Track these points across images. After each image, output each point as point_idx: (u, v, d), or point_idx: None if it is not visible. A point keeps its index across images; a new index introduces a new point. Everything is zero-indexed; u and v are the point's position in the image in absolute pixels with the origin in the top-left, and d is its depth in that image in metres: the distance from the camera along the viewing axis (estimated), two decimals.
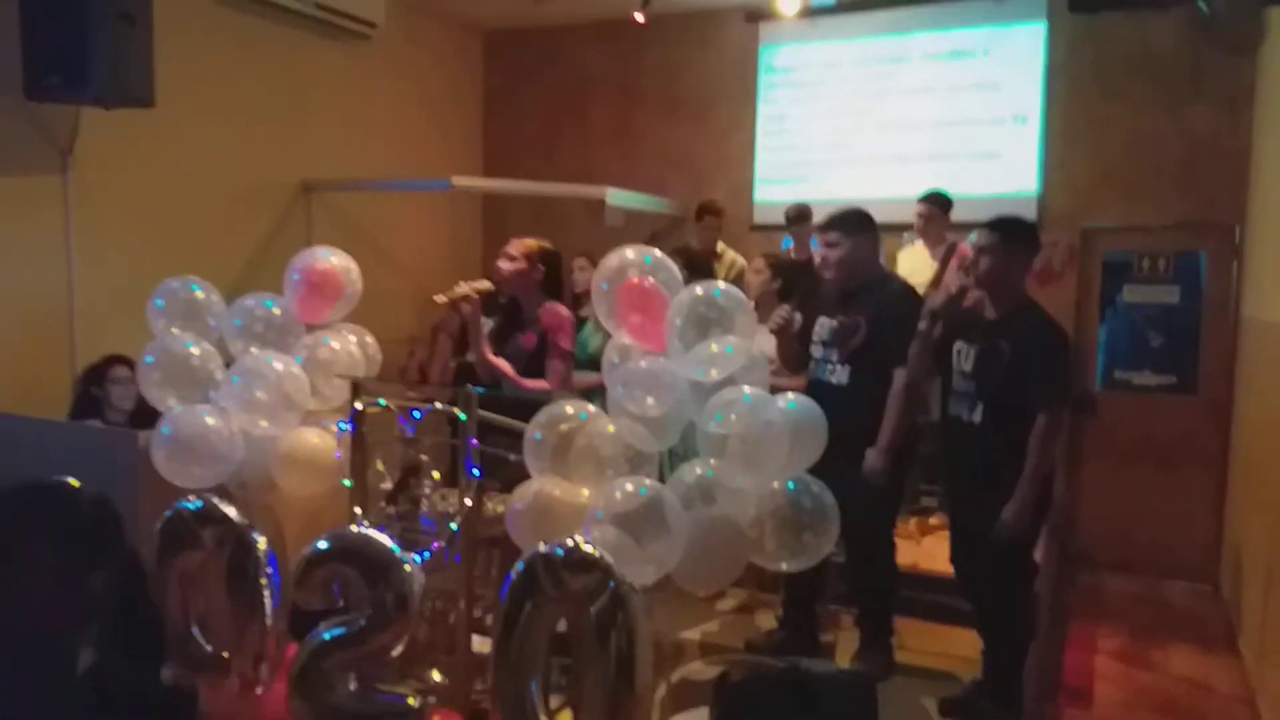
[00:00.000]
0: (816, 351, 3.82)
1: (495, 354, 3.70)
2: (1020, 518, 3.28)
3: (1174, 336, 5.44)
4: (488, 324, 3.84)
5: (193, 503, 2.72)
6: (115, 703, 2.02)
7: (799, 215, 5.43)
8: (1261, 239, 4.68)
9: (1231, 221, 5.21)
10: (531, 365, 3.66)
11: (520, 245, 3.76)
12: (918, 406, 3.72)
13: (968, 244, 4.25)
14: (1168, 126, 5.39)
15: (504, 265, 3.74)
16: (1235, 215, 5.19)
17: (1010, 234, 3.47)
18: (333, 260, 3.67)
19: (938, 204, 5.25)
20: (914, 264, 5.35)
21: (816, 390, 3.66)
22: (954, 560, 3.72)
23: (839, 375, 3.71)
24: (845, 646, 4.07)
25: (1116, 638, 4.55)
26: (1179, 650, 4.41)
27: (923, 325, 3.48)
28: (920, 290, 4.37)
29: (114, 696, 2.01)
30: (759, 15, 6.35)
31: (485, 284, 3.67)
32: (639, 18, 5.79)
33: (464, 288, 3.59)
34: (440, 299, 3.63)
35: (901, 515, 5.13)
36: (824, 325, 3.81)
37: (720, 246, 5.73)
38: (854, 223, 3.78)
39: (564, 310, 3.72)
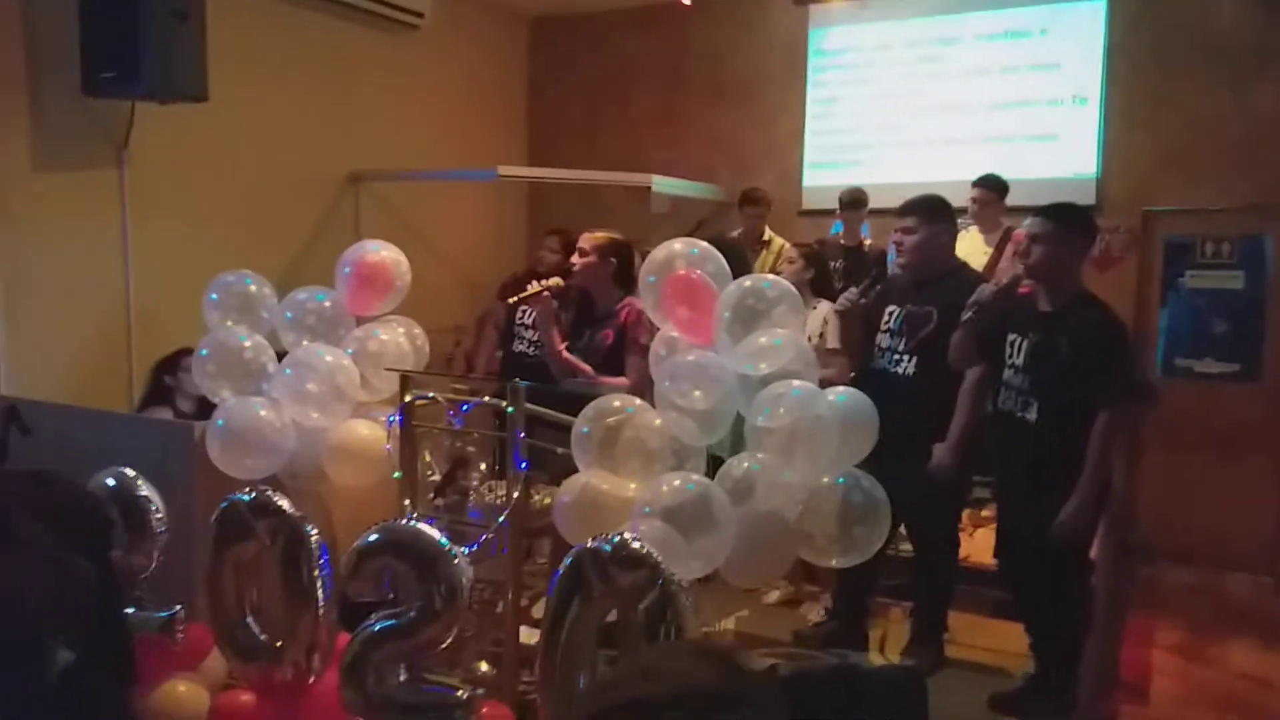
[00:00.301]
0: (883, 340, 3.73)
1: (569, 350, 3.70)
2: (1079, 518, 3.20)
3: (1238, 323, 5.27)
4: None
5: (248, 495, 2.76)
6: (85, 712, 2.01)
7: (853, 200, 5.35)
8: None
9: None
10: (609, 361, 3.64)
11: (590, 239, 3.73)
12: (987, 401, 3.63)
13: (1024, 229, 4.15)
14: (1230, 106, 5.22)
15: (575, 259, 3.74)
16: None
17: (1065, 221, 3.33)
18: (383, 254, 3.69)
19: (993, 188, 5.11)
20: (968, 250, 5.22)
21: (881, 379, 3.60)
22: (999, 555, 3.65)
23: (906, 366, 3.63)
24: (894, 640, 4.03)
25: (1175, 632, 4.45)
26: (1239, 645, 4.30)
27: (967, 314, 3.39)
28: None
29: (85, 705, 2.00)
30: None
31: (557, 281, 3.67)
32: (686, 2, 5.73)
33: (536, 286, 3.61)
34: (512, 301, 3.69)
35: None
36: (892, 314, 3.73)
37: (768, 234, 5.67)
38: (933, 210, 3.68)
39: (640, 304, 3.69)
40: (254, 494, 2.76)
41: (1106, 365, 3.19)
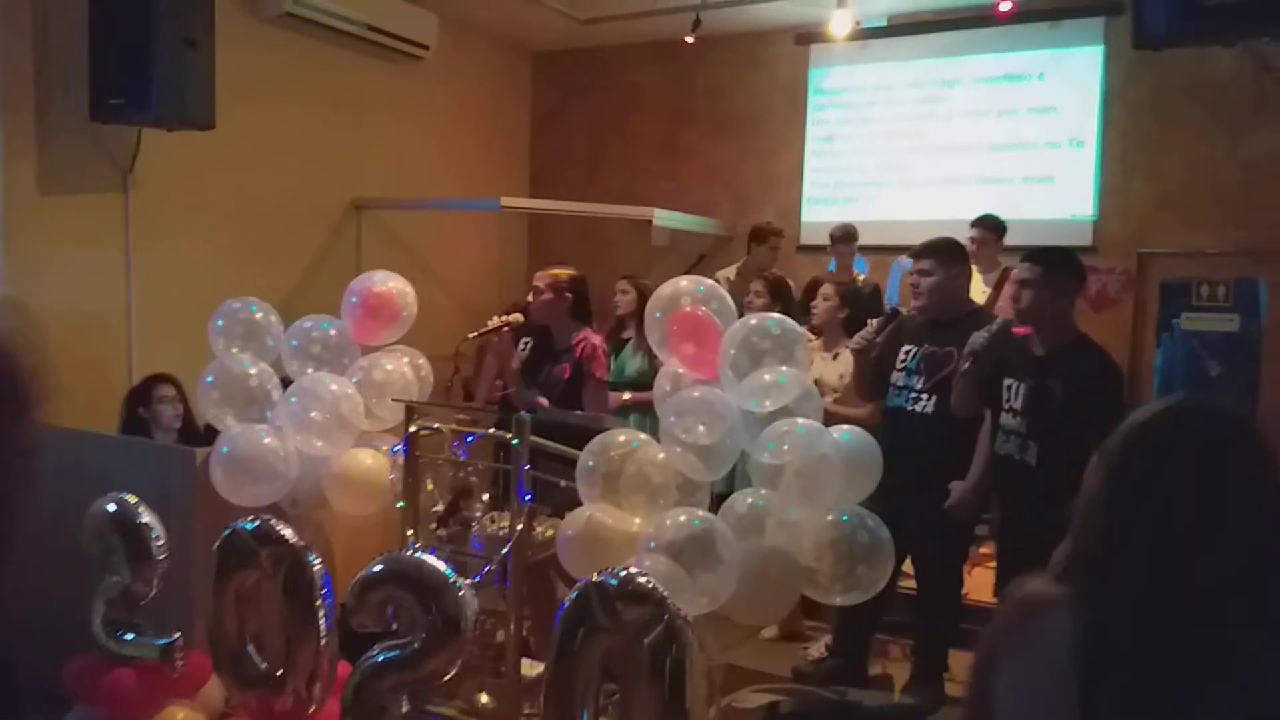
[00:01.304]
0: (899, 379, 3.76)
1: (528, 384, 3.76)
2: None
3: (1232, 365, 5.30)
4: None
5: (250, 523, 2.76)
6: None
7: (845, 235, 5.40)
8: None
9: None
10: (566, 394, 3.71)
11: (545, 277, 3.84)
12: None
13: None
14: (1226, 153, 5.30)
15: (531, 299, 3.83)
16: None
17: (1053, 265, 3.32)
18: (390, 284, 3.72)
19: (991, 228, 5.17)
20: None
21: (898, 417, 3.61)
22: (998, 595, 3.65)
23: (924, 405, 3.64)
24: (896, 678, 4.02)
25: None
26: None
27: (965, 363, 3.41)
28: None
29: None
30: (810, 38, 6.34)
31: (516, 316, 3.76)
32: (689, 39, 5.81)
33: (495, 321, 3.69)
34: (472, 336, 3.76)
35: None
36: (910, 353, 3.76)
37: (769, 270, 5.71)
38: (950, 253, 3.72)
39: (596, 338, 3.78)
40: (257, 522, 2.77)
41: (1100, 408, 3.21)
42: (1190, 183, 5.39)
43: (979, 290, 5.18)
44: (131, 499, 2.92)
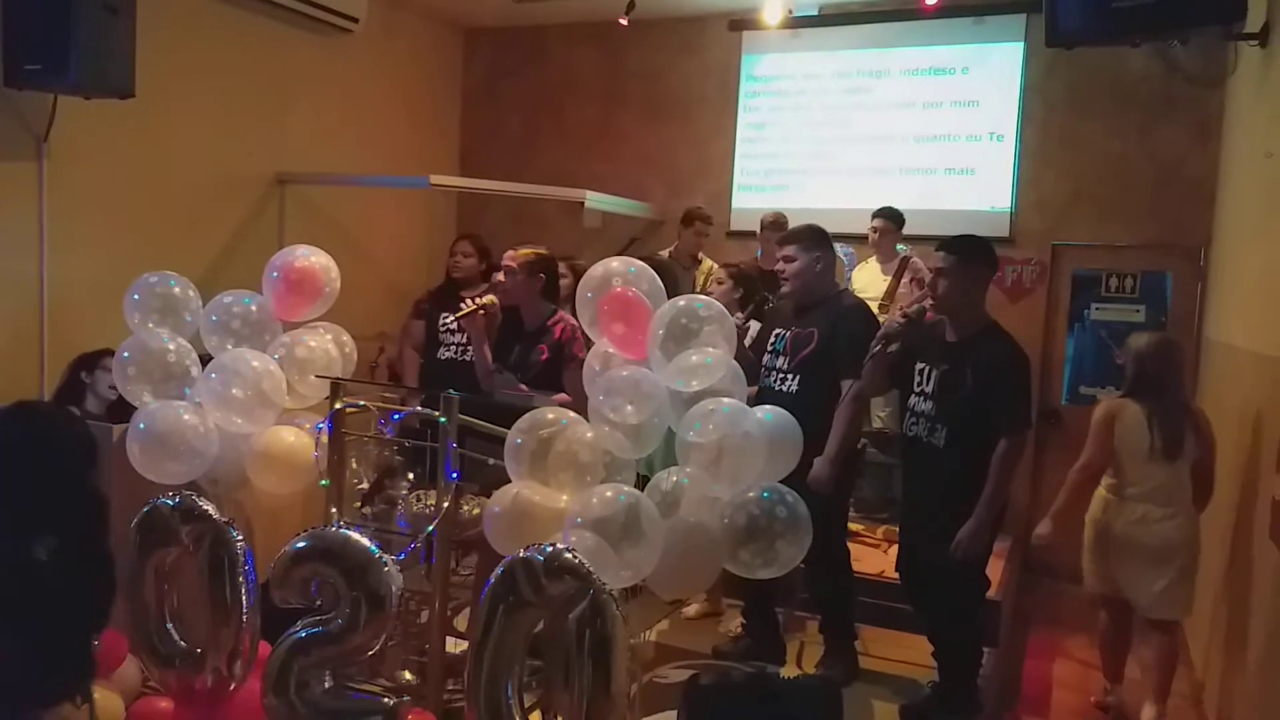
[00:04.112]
0: (768, 360, 3.88)
1: (497, 364, 3.74)
2: (976, 538, 3.35)
3: None
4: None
5: (172, 499, 2.73)
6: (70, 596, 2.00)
7: (775, 223, 5.50)
8: (1224, 263, 4.80)
9: (1198, 244, 5.33)
10: (543, 376, 3.68)
11: (516, 257, 3.78)
12: (863, 418, 3.81)
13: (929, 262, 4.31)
14: (1138, 150, 5.51)
15: (501, 277, 3.78)
16: (1201, 238, 5.31)
17: (967, 254, 3.46)
18: (312, 259, 3.67)
19: (891, 218, 5.38)
20: (868, 278, 5.47)
21: (766, 398, 3.71)
22: (901, 571, 3.78)
23: (789, 384, 3.77)
24: (811, 653, 4.14)
25: (1075, 647, 4.65)
26: (1134, 658, 4.51)
27: (876, 346, 3.51)
28: (873, 305, 4.45)
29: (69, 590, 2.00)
30: (742, 24, 6.40)
31: (492, 299, 3.72)
32: (623, 21, 5.82)
33: (471, 305, 3.65)
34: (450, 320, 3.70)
35: (867, 523, 5.23)
36: (778, 336, 3.88)
37: (699, 254, 5.78)
38: (810, 239, 3.84)
39: (573, 319, 3.72)
40: (178, 498, 2.73)
41: (1007, 395, 3.36)
42: (1103, 178, 5.60)
43: (879, 278, 5.38)
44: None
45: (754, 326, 4.47)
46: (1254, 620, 3.15)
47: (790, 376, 3.78)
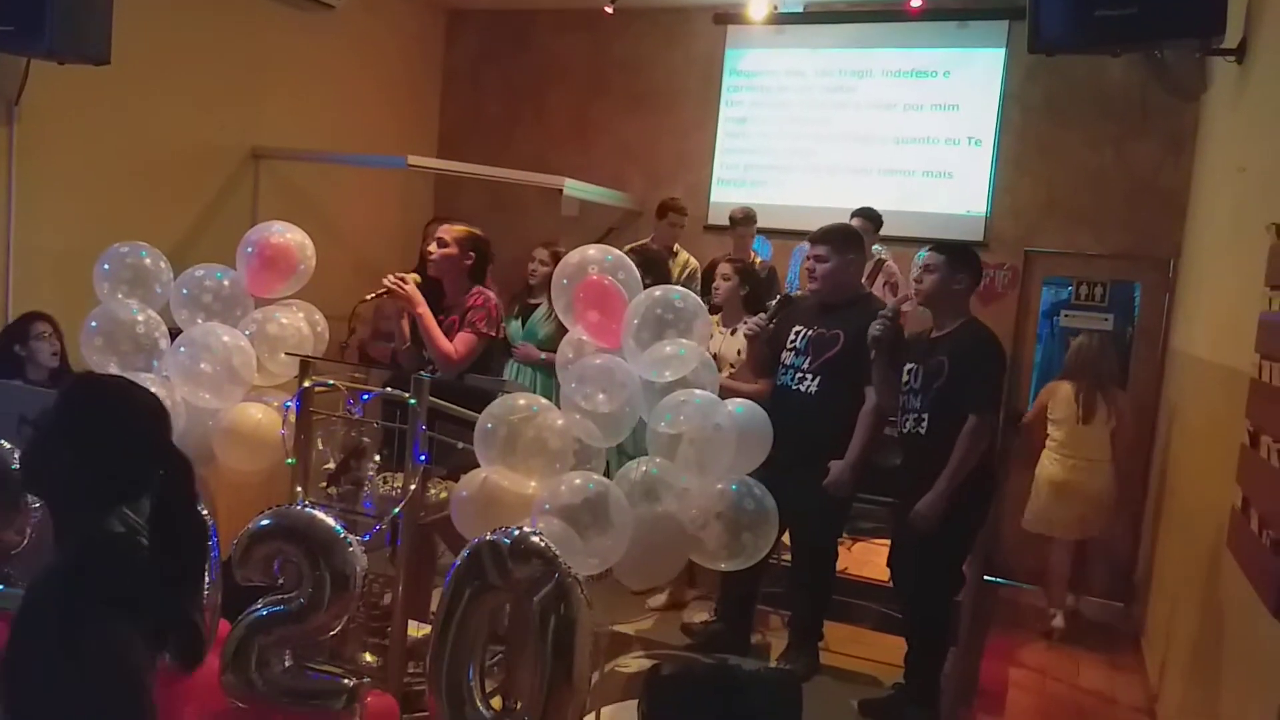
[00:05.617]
0: (787, 359, 3.88)
1: (412, 338, 3.72)
2: (933, 509, 3.39)
3: None
4: None
5: None
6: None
7: (744, 218, 5.53)
8: (1192, 276, 4.87)
9: (1167, 256, 5.40)
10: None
11: (451, 231, 3.75)
12: (883, 426, 3.84)
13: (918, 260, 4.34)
14: (1113, 160, 5.57)
15: (434, 249, 3.75)
16: (1171, 250, 5.38)
17: (955, 256, 3.60)
18: (288, 236, 3.63)
19: (869, 218, 5.36)
20: None
21: (784, 396, 3.74)
22: (891, 564, 3.83)
23: (809, 384, 3.77)
24: (774, 646, 4.16)
25: (1032, 649, 4.72)
26: (1089, 662, 4.59)
27: (873, 352, 3.58)
28: None
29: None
30: (727, 18, 6.40)
31: (414, 276, 3.68)
32: (609, 9, 5.79)
33: (390, 281, 3.61)
34: (369, 298, 3.68)
35: None
36: (799, 333, 3.87)
37: (675, 246, 5.78)
38: (844, 240, 3.86)
39: (492, 296, 3.69)
40: None
41: (977, 377, 3.43)
42: (1077, 187, 5.66)
43: None
44: (7, 445, 2.80)
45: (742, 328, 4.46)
46: (1210, 629, 3.20)
47: (810, 377, 3.78)
